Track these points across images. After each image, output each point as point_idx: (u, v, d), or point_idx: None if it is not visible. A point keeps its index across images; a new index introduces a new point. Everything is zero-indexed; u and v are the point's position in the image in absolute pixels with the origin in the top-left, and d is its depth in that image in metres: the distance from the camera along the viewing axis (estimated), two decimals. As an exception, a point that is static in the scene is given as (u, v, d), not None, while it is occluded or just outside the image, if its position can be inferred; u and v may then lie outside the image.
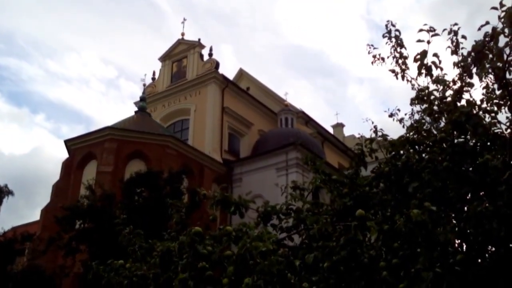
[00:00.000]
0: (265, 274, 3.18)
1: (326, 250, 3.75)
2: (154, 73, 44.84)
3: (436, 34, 5.25)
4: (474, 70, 5.26)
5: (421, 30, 5.23)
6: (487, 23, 4.41)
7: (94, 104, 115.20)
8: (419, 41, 5.23)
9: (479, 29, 4.55)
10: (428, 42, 5.26)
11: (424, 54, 5.28)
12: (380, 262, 4.32)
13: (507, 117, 5.40)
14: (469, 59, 5.10)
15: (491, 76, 5.73)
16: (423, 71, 5.70)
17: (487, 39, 4.54)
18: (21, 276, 23.60)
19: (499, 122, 5.26)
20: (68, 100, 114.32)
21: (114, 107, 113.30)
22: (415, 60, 5.42)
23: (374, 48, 7.13)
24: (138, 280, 4.12)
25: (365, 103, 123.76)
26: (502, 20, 4.33)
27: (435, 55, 5.35)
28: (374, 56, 7.11)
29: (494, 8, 4.27)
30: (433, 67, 5.47)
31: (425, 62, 5.42)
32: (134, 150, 31.57)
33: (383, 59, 7.01)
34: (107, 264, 4.80)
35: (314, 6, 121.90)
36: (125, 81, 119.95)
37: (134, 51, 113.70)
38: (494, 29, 4.43)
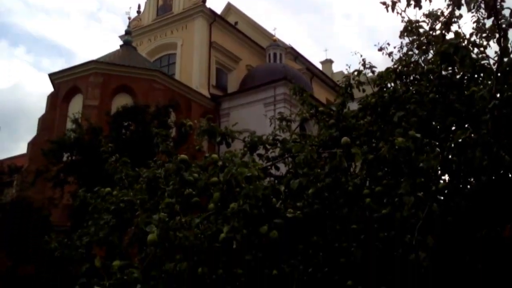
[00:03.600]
0: (250, 198, 3.22)
1: (311, 177, 3.80)
2: (139, 6, 43.58)
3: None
4: (463, 1, 5.18)
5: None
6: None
7: (74, 37, 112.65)
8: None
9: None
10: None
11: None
12: (363, 189, 4.41)
13: (495, 52, 5.37)
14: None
15: (482, 11, 5.66)
16: (412, 2, 5.60)
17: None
18: (10, 207, 23.83)
19: (488, 57, 5.24)
20: (48, 32, 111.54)
21: (96, 40, 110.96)
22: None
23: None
24: (125, 205, 4.17)
25: (352, 39, 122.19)
26: None
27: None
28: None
29: None
30: (422, -1, 5.37)
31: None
32: (120, 85, 31.25)
33: (376, -9, 6.84)
34: (94, 192, 4.83)
35: None
36: (106, 14, 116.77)
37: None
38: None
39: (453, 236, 4.54)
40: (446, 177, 4.40)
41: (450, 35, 5.91)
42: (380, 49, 7.89)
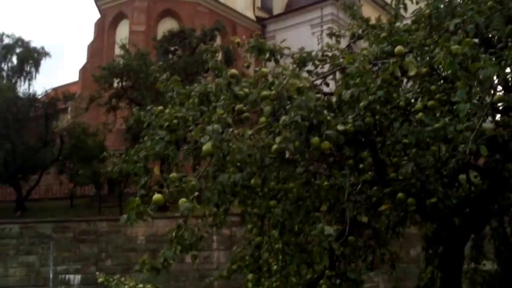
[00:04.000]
0: (302, 109, 3.22)
1: (363, 89, 3.74)
2: None
3: None
4: None
5: None
6: None
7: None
8: None
9: None
10: None
11: None
12: (416, 104, 4.33)
13: None
14: None
15: None
16: None
17: None
18: (66, 133, 24.84)
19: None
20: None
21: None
22: None
23: None
24: (178, 121, 4.26)
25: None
26: None
27: None
28: None
29: None
30: None
31: None
32: (165, 9, 31.22)
33: None
34: (147, 110, 4.95)
35: None
36: None
37: None
38: None
39: (506, 153, 4.45)
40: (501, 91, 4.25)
41: None
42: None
